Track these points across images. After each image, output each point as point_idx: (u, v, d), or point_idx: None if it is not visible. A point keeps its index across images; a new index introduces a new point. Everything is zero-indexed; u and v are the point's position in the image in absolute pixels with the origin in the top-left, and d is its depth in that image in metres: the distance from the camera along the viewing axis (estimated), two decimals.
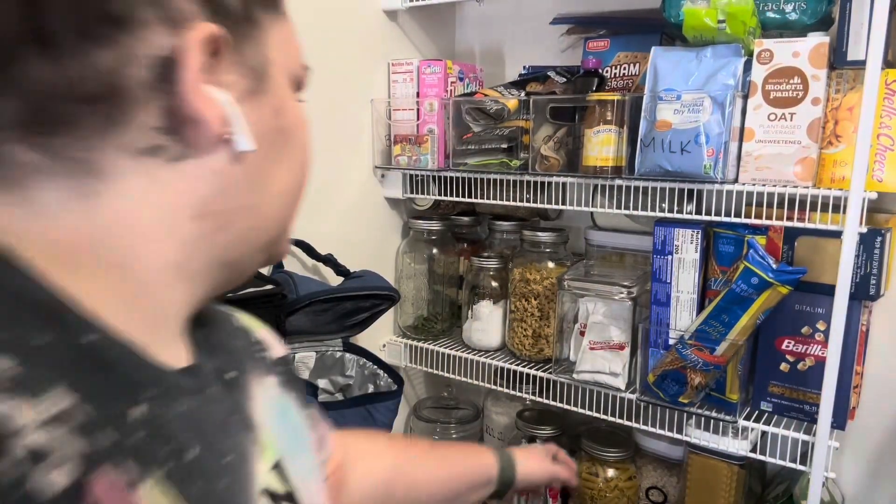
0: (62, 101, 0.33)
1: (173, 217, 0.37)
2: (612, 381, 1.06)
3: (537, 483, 0.88)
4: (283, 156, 0.41)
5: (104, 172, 0.34)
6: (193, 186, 0.37)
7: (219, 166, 0.37)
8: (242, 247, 0.41)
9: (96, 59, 0.32)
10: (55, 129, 0.33)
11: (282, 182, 0.41)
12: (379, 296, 1.06)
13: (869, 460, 1.09)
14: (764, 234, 0.96)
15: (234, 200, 0.39)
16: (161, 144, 0.35)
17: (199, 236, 0.38)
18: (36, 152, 0.33)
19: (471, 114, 1.13)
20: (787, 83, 0.88)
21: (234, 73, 0.37)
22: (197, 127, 0.35)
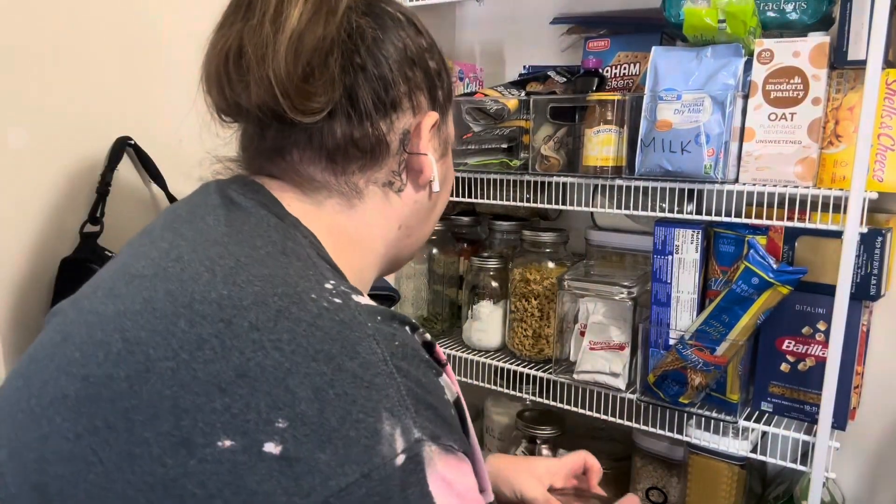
0: (353, 146, 0.53)
1: (390, 225, 0.58)
2: (612, 381, 1.06)
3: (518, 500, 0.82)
4: (444, 191, 0.63)
5: (362, 193, 0.55)
6: (404, 208, 0.58)
7: (420, 198, 0.59)
8: (410, 248, 0.63)
9: (378, 125, 0.54)
10: (344, 163, 0.54)
11: (439, 209, 0.64)
12: (379, 296, 1.06)
13: (869, 460, 1.09)
14: (764, 234, 0.96)
15: (419, 219, 0.61)
16: (394, 181, 0.57)
17: (396, 239, 0.59)
18: (329, 175, 0.54)
19: (471, 114, 1.13)
20: (787, 83, 0.88)
21: (436, 142, 0.59)
22: (418, 174, 0.57)
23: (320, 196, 0.54)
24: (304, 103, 0.50)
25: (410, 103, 0.56)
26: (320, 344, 0.41)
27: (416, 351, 0.44)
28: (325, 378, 0.40)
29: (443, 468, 0.41)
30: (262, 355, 0.41)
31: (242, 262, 0.46)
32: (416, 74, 0.56)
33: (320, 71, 0.50)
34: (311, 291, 0.44)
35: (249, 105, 0.51)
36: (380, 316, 0.45)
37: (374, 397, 0.40)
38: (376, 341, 0.42)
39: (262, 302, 0.43)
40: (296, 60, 0.49)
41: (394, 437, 0.39)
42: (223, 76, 0.52)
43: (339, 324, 0.43)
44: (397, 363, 0.42)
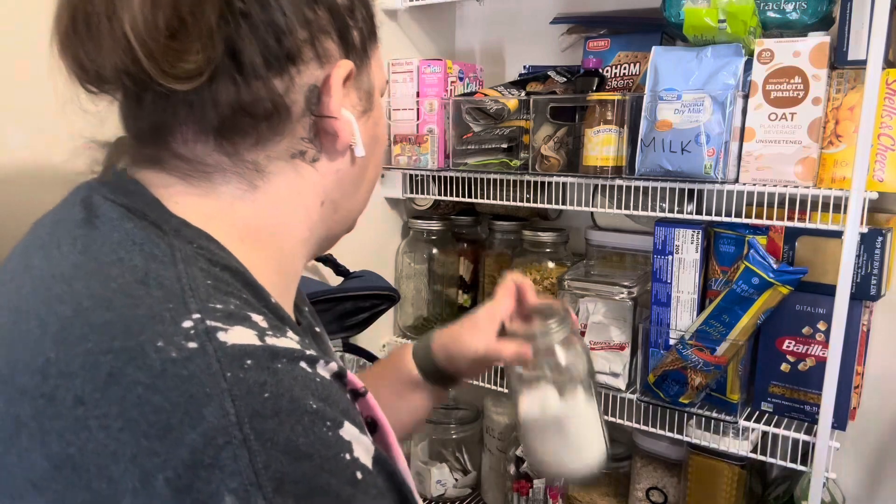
0: (243, 115, 0.43)
1: (309, 203, 0.48)
2: (612, 381, 1.06)
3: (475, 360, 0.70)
4: (375, 154, 0.54)
5: (265, 171, 0.45)
6: (323, 180, 0.48)
7: (341, 166, 0.49)
8: (340, 225, 0.54)
9: (272, 84, 0.43)
10: (236, 138, 0.44)
11: (371, 175, 0.55)
12: (379, 296, 1.06)
13: (870, 460, 1.09)
14: (764, 234, 0.96)
15: (345, 191, 0.51)
16: (304, 149, 0.47)
17: (321, 218, 0.50)
18: (221, 154, 0.44)
19: (471, 114, 1.13)
20: (787, 83, 0.88)
21: (355, 97, 0.49)
22: (334, 139, 0.47)
23: (213, 182, 0.44)
24: (175, 65, 0.39)
25: (314, 52, 0.45)
26: (156, 414, 0.32)
27: (297, 401, 0.35)
28: (157, 461, 0.32)
29: None
30: (84, 437, 0.33)
31: (83, 308, 0.36)
32: (318, 15, 0.45)
33: (192, 22, 0.40)
34: (159, 338, 0.34)
35: (108, 71, 0.41)
36: (251, 359, 0.35)
37: (215, 478, 0.32)
38: (232, 398, 0.33)
39: (92, 364, 0.34)
40: (154, 10, 0.39)
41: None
42: (74, 37, 0.41)
43: (185, 381, 0.33)
44: (259, 425, 0.33)
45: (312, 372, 0.37)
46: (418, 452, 1.36)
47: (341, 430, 0.36)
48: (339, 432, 0.36)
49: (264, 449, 0.32)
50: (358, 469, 0.36)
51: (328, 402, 0.36)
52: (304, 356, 0.37)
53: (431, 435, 1.34)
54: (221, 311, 0.37)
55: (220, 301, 0.37)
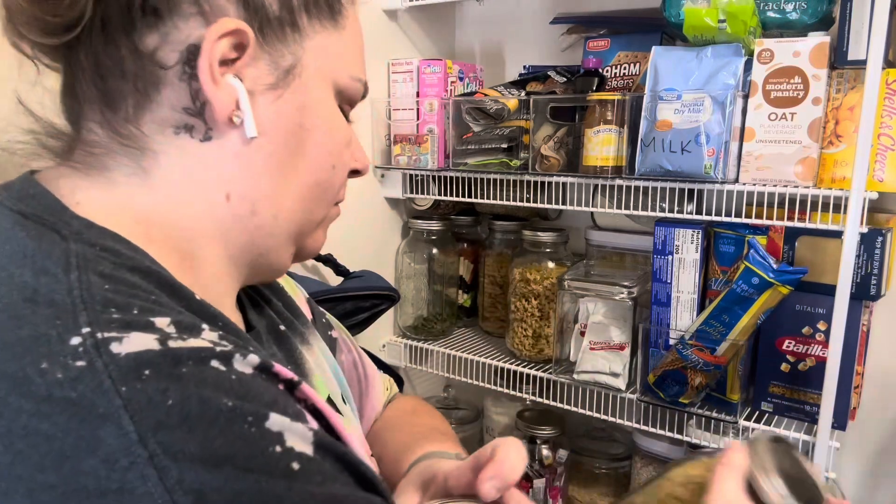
0: (112, 78, 0.38)
1: (209, 193, 0.41)
2: (612, 381, 1.06)
3: None
4: (306, 151, 0.44)
5: (149, 149, 0.40)
6: (220, 165, 0.41)
7: (236, 149, 0.41)
8: (270, 236, 0.45)
9: (139, 41, 0.38)
10: (110, 105, 0.39)
11: (303, 176, 0.45)
12: (379, 296, 1.06)
13: (869, 460, 1.09)
14: (764, 234, 0.96)
15: (258, 185, 0.43)
16: (191, 124, 0.40)
17: (233, 217, 0.43)
18: (104, 130, 0.40)
19: (471, 113, 1.13)
20: (787, 83, 0.88)
21: (258, 67, 0.41)
22: (210, 108, 0.40)
23: (106, 167, 0.40)
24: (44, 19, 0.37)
25: (197, 7, 0.39)
26: (47, 444, 0.29)
27: (207, 403, 0.31)
28: (55, 493, 0.29)
29: None
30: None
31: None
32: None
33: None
34: (43, 360, 0.31)
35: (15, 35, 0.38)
36: (149, 369, 0.31)
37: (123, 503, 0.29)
38: (129, 415, 0.30)
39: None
40: None
41: None
42: None
43: (73, 404, 0.30)
44: (164, 438, 0.30)
45: (227, 370, 0.33)
46: None
47: (267, 423, 0.33)
48: (264, 426, 0.33)
49: (175, 462, 0.29)
50: (293, 459, 0.33)
51: (247, 398, 0.33)
52: (215, 354, 0.34)
53: None
54: (118, 321, 0.33)
55: (118, 308, 0.33)
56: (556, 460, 1.20)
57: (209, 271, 0.43)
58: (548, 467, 1.20)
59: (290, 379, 0.37)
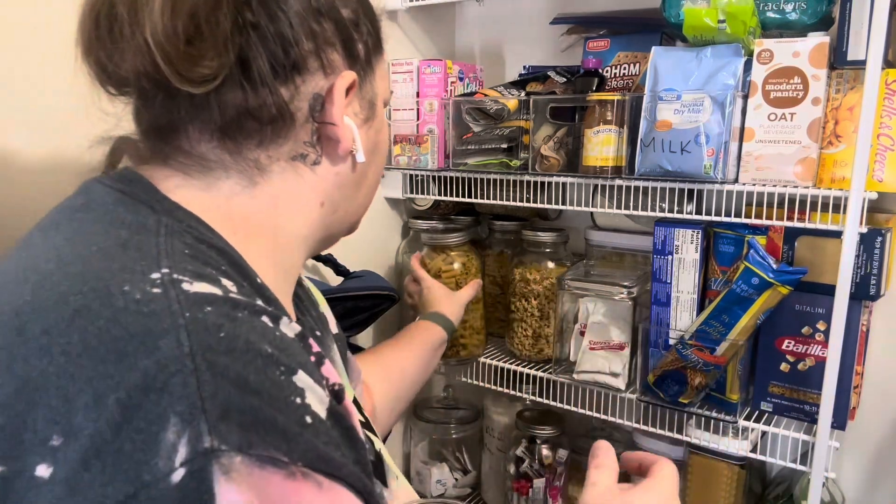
0: (249, 118, 0.46)
1: (308, 203, 0.52)
2: (612, 381, 1.06)
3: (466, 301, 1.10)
4: (375, 161, 0.57)
5: (266, 170, 0.49)
6: (322, 182, 0.52)
7: (342, 170, 0.53)
8: (341, 225, 0.57)
9: (278, 91, 0.47)
10: (239, 138, 0.47)
11: (371, 179, 0.58)
12: (379, 296, 1.06)
13: (869, 460, 1.09)
14: (764, 234, 0.96)
15: (345, 193, 0.54)
16: (306, 153, 0.50)
17: (320, 217, 0.53)
18: (222, 152, 0.47)
19: (471, 114, 1.13)
20: (787, 83, 0.88)
21: (357, 106, 0.53)
22: (336, 144, 0.50)
23: (213, 177, 0.48)
24: (191, 69, 0.43)
25: (319, 63, 0.48)
26: (114, 343, 0.35)
27: (251, 344, 0.37)
28: (111, 382, 0.34)
29: (250, 487, 0.33)
30: (46, 362, 0.35)
31: (63, 263, 0.40)
32: (324, 28, 0.48)
33: (208, 30, 0.43)
34: (126, 283, 0.37)
35: (128, 74, 0.44)
36: (211, 306, 0.37)
37: (163, 401, 0.33)
38: (187, 333, 0.35)
39: (62, 302, 0.37)
40: (174, 18, 0.42)
41: (175, 448, 0.32)
42: (96, 42, 0.45)
43: (145, 316, 0.36)
44: (211, 358, 0.35)
45: (273, 326, 0.39)
46: (418, 452, 1.36)
47: (294, 377, 0.38)
48: (292, 378, 0.37)
49: (213, 379, 0.34)
50: (308, 414, 0.37)
51: (284, 352, 0.38)
52: (268, 312, 0.40)
53: (431, 435, 1.34)
54: (191, 271, 0.39)
55: (192, 265, 0.40)
56: (556, 460, 1.20)
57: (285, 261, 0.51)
58: (548, 467, 1.20)
59: (319, 353, 0.42)
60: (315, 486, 0.36)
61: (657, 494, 0.58)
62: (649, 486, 0.58)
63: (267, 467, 0.34)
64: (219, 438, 0.33)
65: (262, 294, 0.43)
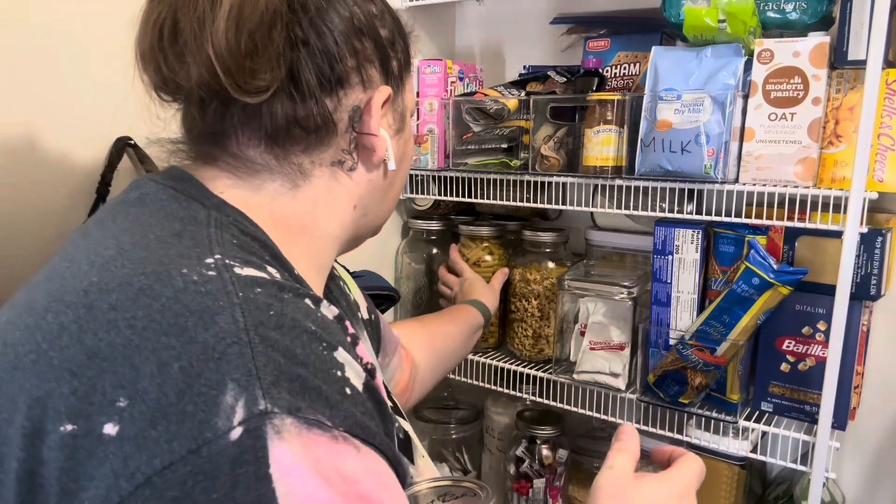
0: (296, 127, 0.50)
1: (343, 206, 0.56)
2: (612, 381, 1.06)
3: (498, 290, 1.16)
4: (403, 168, 0.61)
5: (308, 174, 0.53)
6: (357, 188, 0.56)
7: (374, 177, 0.57)
8: (368, 227, 0.62)
9: (323, 103, 0.51)
10: (286, 144, 0.51)
11: (398, 186, 0.63)
12: (379, 296, 1.06)
13: (870, 460, 1.09)
14: (764, 235, 0.96)
15: (375, 198, 0.59)
16: (344, 160, 0.54)
17: (352, 219, 0.57)
18: (269, 156, 0.51)
19: (471, 114, 1.13)
20: (787, 83, 0.88)
21: (391, 118, 0.57)
22: (371, 153, 0.55)
23: (260, 179, 0.52)
24: (249, 81, 0.47)
25: (360, 78, 0.53)
26: (175, 318, 0.39)
27: (297, 322, 0.41)
28: (173, 352, 0.37)
29: (300, 446, 0.37)
30: (114, 334, 0.39)
31: (124, 249, 0.44)
32: (365, 46, 0.53)
33: (264, 46, 0.47)
34: (184, 267, 0.42)
35: (189, 84, 0.47)
36: (261, 287, 0.42)
37: (222, 369, 0.37)
38: (241, 310, 0.39)
39: (126, 283, 0.41)
40: (237, 35, 0.45)
41: (234, 410, 0.36)
42: (158, 53, 0.48)
43: (203, 295, 0.40)
44: (263, 332, 0.39)
45: (314, 308, 0.44)
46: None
47: (335, 353, 0.42)
48: (333, 353, 0.42)
49: (266, 351, 0.38)
50: (347, 386, 0.41)
51: (326, 330, 0.43)
52: (310, 295, 0.44)
53: (431, 435, 1.34)
54: (240, 258, 0.44)
55: (241, 254, 0.45)
56: (556, 460, 1.20)
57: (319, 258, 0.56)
58: (548, 467, 1.20)
59: (354, 334, 0.46)
60: (354, 449, 0.40)
61: (670, 487, 0.60)
62: (665, 478, 0.60)
63: (313, 429, 0.38)
64: (272, 402, 0.37)
65: (300, 283, 0.47)
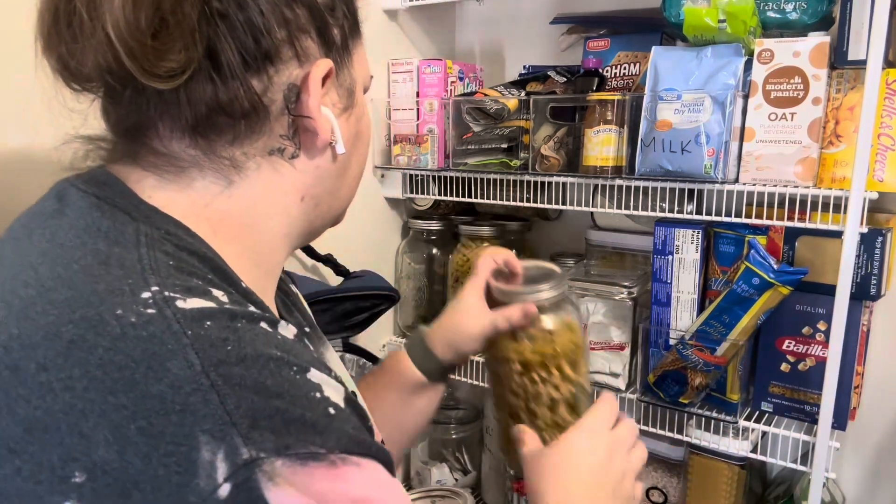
0: (220, 114, 0.43)
1: (288, 199, 0.49)
2: (612, 381, 1.06)
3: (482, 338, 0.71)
4: (358, 150, 0.54)
5: (242, 167, 0.46)
6: (302, 177, 0.49)
7: (322, 163, 0.49)
8: (323, 219, 0.54)
9: (250, 84, 0.44)
10: (212, 135, 0.44)
11: (354, 169, 0.55)
12: (379, 296, 1.06)
13: (869, 460, 1.09)
14: (764, 235, 0.96)
15: (326, 186, 0.51)
16: (283, 146, 0.47)
17: (301, 213, 0.50)
18: (197, 150, 0.45)
19: (471, 114, 1.13)
20: (787, 83, 0.88)
21: (335, 95, 0.49)
22: (313, 137, 0.47)
23: (189, 177, 0.45)
24: (157, 63, 0.40)
25: (293, 51, 0.45)
26: (119, 372, 0.34)
27: (259, 351, 0.37)
28: (126, 412, 0.33)
29: (299, 486, 0.34)
30: (50, 400, 0.34)
31: (45, 289, 0.38)
32: (297, 14, 0.45)
33: (173, 22, 0.40)
34: (118, 307, 0.36)
35: (88, 70, 0.41)
36: (210, 320, 0.37)
37: (187, 422, 0.33)
38: (195, 352, 0.35)
39: (53, 335, 0.36)
40: (136, 10, 0.39)
41: (213, 466, 0.33)
42: (54, 36, 0.42)
43: (145, 341, 0.35)
44: (224, 371, 0.35)
45: (273, 331, 0.40)
46: (418, 452, 1.36)
47: (308, 374, 0.38)
48: (306, 376, 0.38)
49: (234, 392, 0.34)
50: (330, 406, 0.38)
51: (291, 353, 0.39)
52: (264, 318, 0.40)
53: (431, 435, 1.34)
54: (181, 286, 0.38)
55: (179, 279, 0.39)
56: None
57: (267, 260, 0.50)
58: None
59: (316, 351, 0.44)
60: (356, 467, 0.37)
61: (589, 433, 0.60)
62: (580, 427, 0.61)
63: (308, 463, 0.35)
64: (255, 448, 0.34)
65: (250, 299, 0.42)
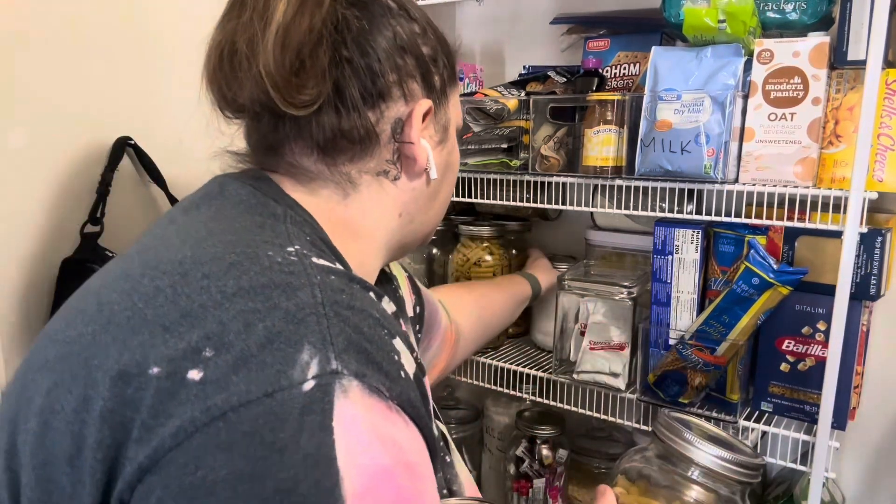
0: (342, 138, 0.55)
1: (388, 214, 0.61)
2: (612, 381, 1.06)
3: None
4: (447, 179, 0.66)
5: (355, 183, 0.58)
6: (402, 195, 0.61)
7: (418, 185, 0.61)
8: (415, 236, 0.66)
9: (366, 116, 0.55)
10: (335, 154, 0.56)
11: (443, 196, 0.67)
12: None
13: (869, 460, 1.09)
14: (764, 235, 0.96)
15: (420, 206, 0.63)
16: (388, 170, 0.59)
17: (398, 227, 0.62)
18: (322, 165, 0.57)
19: (471, 114, 1.13)
20: (787, 83, 0.88)
21: (433, 129, 0.61)
22: (412, 162, 0.59)
23: (315, 186, 0.57)
24: (295, 96, 0.51)
25: (401, 91, 0.57)
26: (262, 289, 0.44)
27: (364, 307, 0.46)
28: (258, 315, 0.42)
29: (362, 407, 0.41)
30: (206, 297, 0.44)
31: (214, 233, 0.49)
32: (406, 62, 0.57)
33: (310, 64, 0.51)
34: (269, 250, 0.47)
35: (243, 100, 0.53)
36: (334, 275, 0.47)
37: (300, 331, 0.42)
38: (320, 289, 0.45)
39: (218, 258, 0.46)
40: (283, 54, 0.50)
41: (308, 366, 0.41)
42: (218, 73, 0.54)
43: (286, 274, 0.45)
44: (337, 309, 0.44)
45: (377, 301, 0.49)
46: None
47: (394, 341, 0.47)
48: (391, 341, 0.47)
49: (339, 324, 0.43)
50: (402, 370, 0.46)
51: (387, 320, 0.48)
52: (373, 289, 0.50)
53: None
54: (314, 251, 0.50)
55: (314, 250, 0.50)
56: (556, 460, 1.20)
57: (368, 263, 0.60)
58: (548, 467, 1.20)
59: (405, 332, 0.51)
60: (403, 422, 0.44)
61: None
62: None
63: (374, 395, 0.42)
64: (342, 364, 0.41)
65: None
